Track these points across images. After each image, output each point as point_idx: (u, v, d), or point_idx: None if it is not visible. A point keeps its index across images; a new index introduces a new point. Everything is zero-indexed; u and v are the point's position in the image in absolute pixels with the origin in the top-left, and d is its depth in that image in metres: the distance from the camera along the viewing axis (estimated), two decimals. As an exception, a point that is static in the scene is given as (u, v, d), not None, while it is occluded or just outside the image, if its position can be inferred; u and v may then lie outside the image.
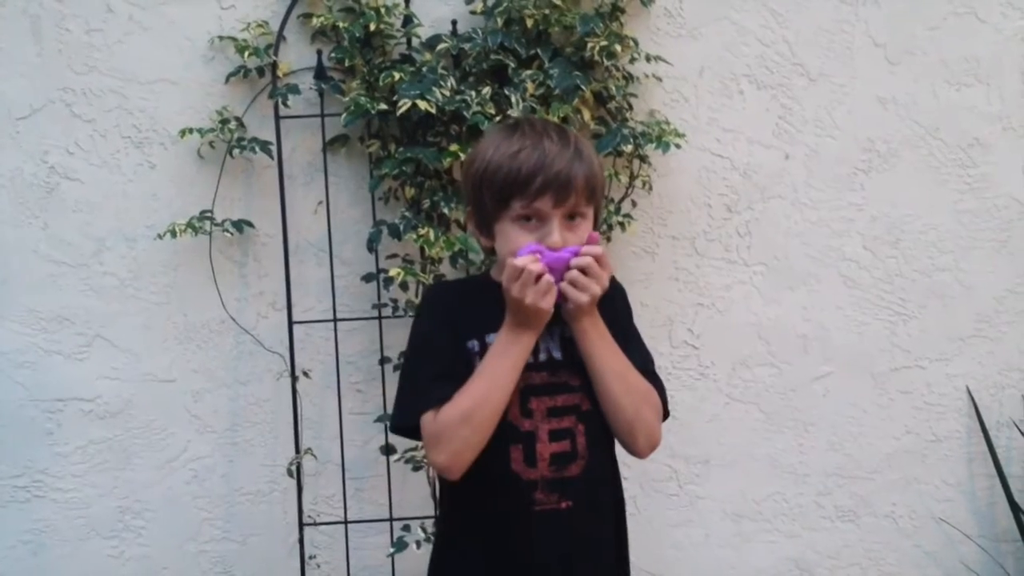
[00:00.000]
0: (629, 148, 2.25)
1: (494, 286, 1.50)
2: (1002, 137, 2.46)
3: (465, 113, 2.17)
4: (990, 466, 2.49)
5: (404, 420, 1.51)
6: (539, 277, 1.41)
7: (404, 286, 2.22)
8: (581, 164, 1.45)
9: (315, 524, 2.43)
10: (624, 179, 2.33)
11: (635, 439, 1.51)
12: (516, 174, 1.43)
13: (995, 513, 2.54)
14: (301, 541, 2.39)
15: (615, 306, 1.59)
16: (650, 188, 2.38)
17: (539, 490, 1.48)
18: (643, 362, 1.58)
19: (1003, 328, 2.50)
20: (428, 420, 1.46)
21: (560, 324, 1.50)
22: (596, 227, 1.53)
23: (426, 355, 1.52)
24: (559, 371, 1.51)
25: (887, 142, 2.45)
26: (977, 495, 2.54)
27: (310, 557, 2.41)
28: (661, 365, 2.43)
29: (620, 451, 1.58)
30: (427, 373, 1.50)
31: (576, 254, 1.44)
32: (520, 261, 1.40)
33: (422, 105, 2.17)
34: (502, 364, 1.45)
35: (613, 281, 1.62)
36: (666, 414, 1.57)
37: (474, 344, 1.50)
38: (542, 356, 1.50)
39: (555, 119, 2.18)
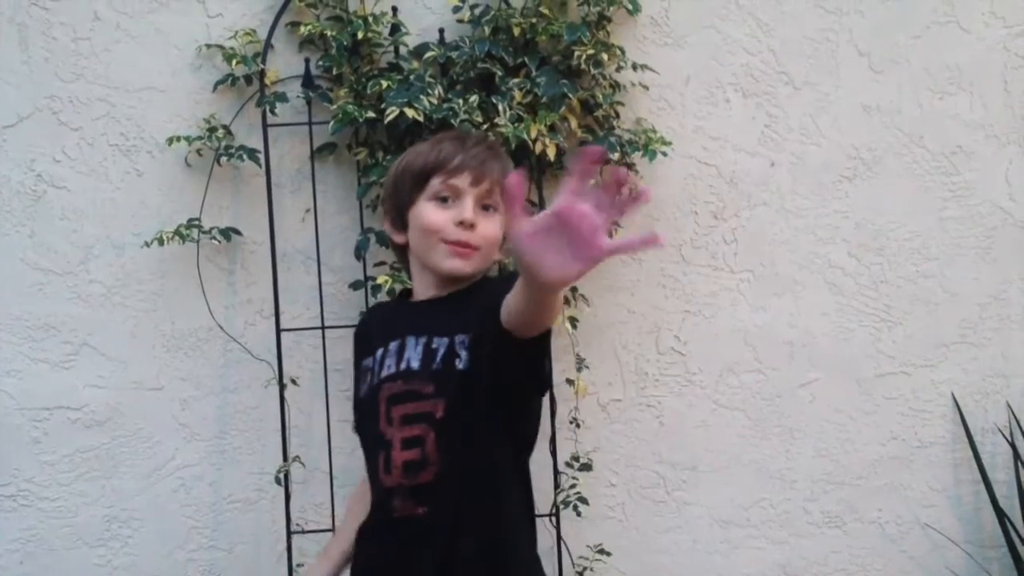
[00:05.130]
0: (616, 156, 2.26)
1: (396, 303, 1.69)
2: (985, 145, 2.48)
3: (452, 121, 2.18)
4: (975, 472, 2.50)
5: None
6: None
7: (392, 293, 2.22)
8: (498, 159, 1.55)
9: (303, 532, 2.42)
10: (611, 187, 2.33)
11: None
12: (437, 155, 1.53)
13: (980, 519, 2.55)
14: (289, 549, 2.39)
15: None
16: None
17: (396, 497, 1.48)
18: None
19: (987, 334, 2.52)
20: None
21: (427, 335, 1.50)
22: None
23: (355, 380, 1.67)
24: (412, 379, 1.49)
25: (871, 150, 2.47)
26: (963, 501, 2.55)
27: (298, 565, 2.40)
28: (648, 372, 2.47)
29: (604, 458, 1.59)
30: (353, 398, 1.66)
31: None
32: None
33: (410, 113, 2.18)
34: None
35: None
36: None
37: (368, 362, 1.59)
38: (403, 366, 1.51)
39: (542, 127, 2.19)
